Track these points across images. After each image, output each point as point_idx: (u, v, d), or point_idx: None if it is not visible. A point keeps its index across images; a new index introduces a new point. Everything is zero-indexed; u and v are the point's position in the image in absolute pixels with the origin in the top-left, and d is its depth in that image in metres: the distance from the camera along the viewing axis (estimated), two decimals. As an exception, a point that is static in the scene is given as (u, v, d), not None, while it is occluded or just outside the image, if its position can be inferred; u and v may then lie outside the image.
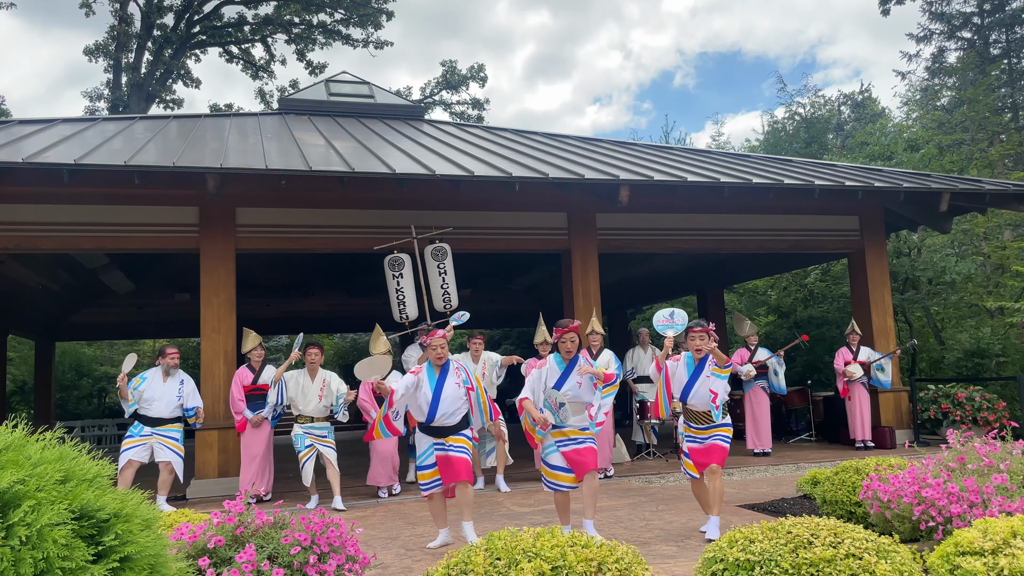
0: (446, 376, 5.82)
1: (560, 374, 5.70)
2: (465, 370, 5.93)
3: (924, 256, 15.79)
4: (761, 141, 26.94)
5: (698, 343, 5.88)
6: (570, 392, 5.62)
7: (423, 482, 5.82)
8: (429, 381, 5.80)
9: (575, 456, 5.57)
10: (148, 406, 8.15)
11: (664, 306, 21.21)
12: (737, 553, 3.43)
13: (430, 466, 5.78)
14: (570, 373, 5.68)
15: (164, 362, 8.30)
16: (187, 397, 8.35)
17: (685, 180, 9.62)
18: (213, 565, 3.52)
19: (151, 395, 8.16)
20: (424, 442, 5.83)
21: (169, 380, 8.27)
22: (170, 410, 8.23)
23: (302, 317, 19.37)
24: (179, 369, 8.42)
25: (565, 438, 5.62)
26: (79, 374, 23.71)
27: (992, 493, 4.59)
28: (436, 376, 5.82)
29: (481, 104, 31.15)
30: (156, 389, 8.19)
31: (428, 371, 5.85)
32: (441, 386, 5.77)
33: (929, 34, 24.23)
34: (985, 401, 11.22)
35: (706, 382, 5.85)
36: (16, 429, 2.49)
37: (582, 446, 5.60)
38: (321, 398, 8.17)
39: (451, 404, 5.77)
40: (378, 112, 14.78)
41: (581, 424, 5.67)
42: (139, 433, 8.11)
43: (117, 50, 25.40)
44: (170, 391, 8.24)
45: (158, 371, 8.29)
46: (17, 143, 9.00)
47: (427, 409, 5.76)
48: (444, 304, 9.46)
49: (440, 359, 5.87)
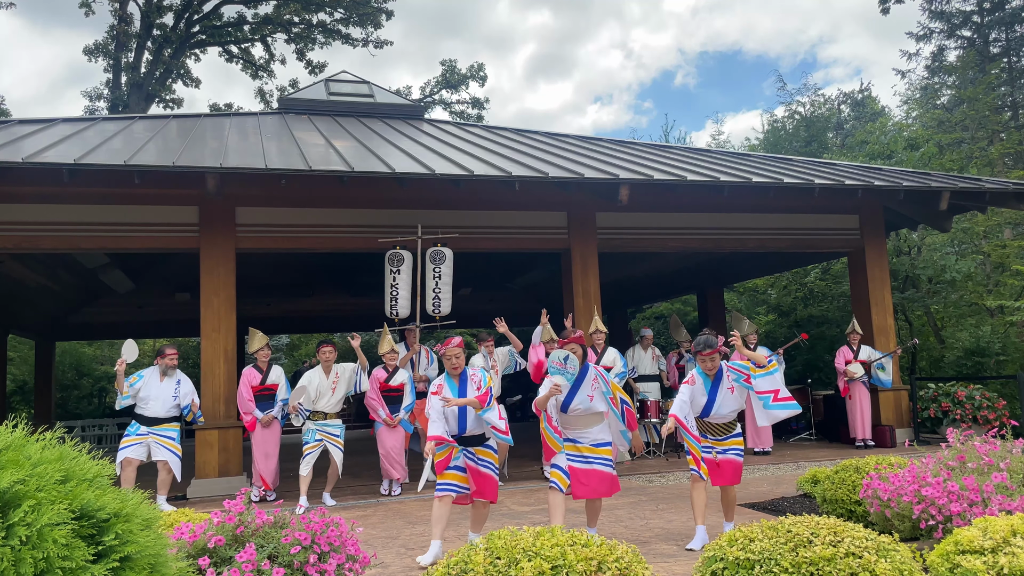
0: (466, 387, 5.55)
1: (570, 388, 5.41)
2: (478, 375, 5.64)
3: (924, 255, 15.79)
4: (761, 140, 26.95)
5: (709, 365, 5.69)
6: (581, 406, 5.42)
7: (445, 481, 5.42)
8: (453, 394, 5.52)
9: (579, 475, 5.35)
10: (144, 405, 8.16)
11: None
12: (737, 552, 3.43)
13: (460, 468, 5.46)
14: (580, 385, 5.41)
15: (163, 363, 8.31)
16: (183, 397, 8.35)
17: (685, 179, 9.62)
18: (213, 564, 3.52)
19: (147, 394, 8.18)
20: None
21: (166, 380, 8.28)
22: (166, 410, 8.24)
23: (302, 317, 19.37)
24: (177, 369, 8.43)
25: (577, 453, 5.41)
26: (79, 374, 23.70)
27: (992, 492, 4.59)
28: (457, 387, 5.56)
29: (481, 103, 31.16)
30: (152, 388, 8.21)
31: (449, 384, 5.58)
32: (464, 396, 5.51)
33: (929, 33, 24.24)
34: (985, 400, 11.22)
35: (728, 396, 5.66)
36: (16, 429, 2.49)
37: (589, 467, 5.37)
38: (334, 391, 8.19)
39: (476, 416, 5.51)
40: (378, 111, 14.77)
41: (596, 439, 5.45)
42: (136, 432, 8.14)
43: (117, 50, 25.40)
44: (166, 391, 8.25)
45: (155, 371, 8.30)
46: (17, 143, 9.00)
47: (456, 423, 5.48)
48: (434, 308, 9.45)
49: (456, 369, 5.61)
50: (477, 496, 5.43)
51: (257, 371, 8.73)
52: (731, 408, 5.72)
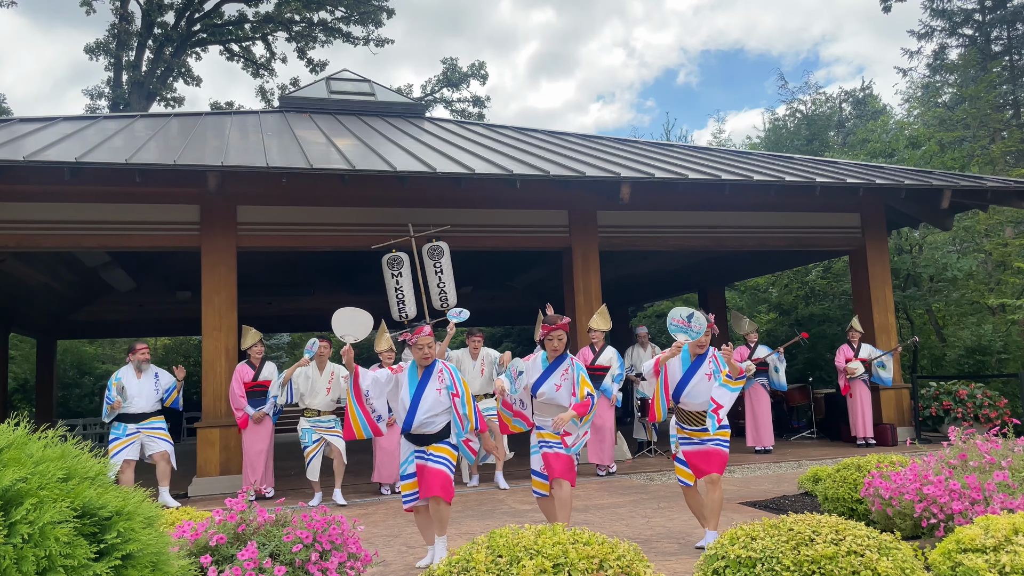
0: (428, 380, 5.17)
1: (542, 372, 5.30)
2: (451, 373, 5.22)
3: (925, 253, 15.78)
4: (762, 138, 26.94)
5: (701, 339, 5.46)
6: (547, 393, 5.28)
7: (404, 493, 5.18)
8: (409, 385, 5.19)
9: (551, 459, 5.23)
10: (129, 404, 8.21)
11: (678, 303, 21.21)
12: (739, 550, 3.43)
13: (410, 475, 5.15)
14: (552, 373, 5.28)
15: (135, 359, 8.39)
16: (164, 387, 8.47)
17: (686, 177, 9.61)
18: (215, 563, 3.52)
19: (129, 392, 8.25)
20: (406, 449, 5.22)
21: (144, 376, 8.38)
22: (151, 404, 8.35)
23: (303, 315, 19.35)
24: (150, 364, 8.51)
25: (543, 441, 5.30)
26: (81, 372, 23.70)
27: (994, 490, 4.59)
28: (418, 379, 5.19)
29: (482, 101, 31.17)
30: (133, 386, 8.29)
31: (411, 372, 5.23)
32: (421, 391, 5.14)
33: (930, 31, 24.20)
34: (987, 398, 11.22)
35: (704, 382, 5.41)
36: (18, 427, 2.49)
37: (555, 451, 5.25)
38: (329, 391, 8.21)
39: (430, 411, 5.11)
40: (379, 110, 14.77)
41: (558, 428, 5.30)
42: (124, 433, 8.19)
43: (118, 48, 25.41)
44: (147, 386, 8.35)
45: (130, 369, 8.38)
46: (18, 141, 9.01)
47: (404, 415, 5.16)
48: (441, 303, 9.46)
49: (426, 359, 5.19)
50: (425, 495, 5.06)
51: (250, 367, 8.75)
52: (704, 397, 5.40)
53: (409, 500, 5.16)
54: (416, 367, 5.25)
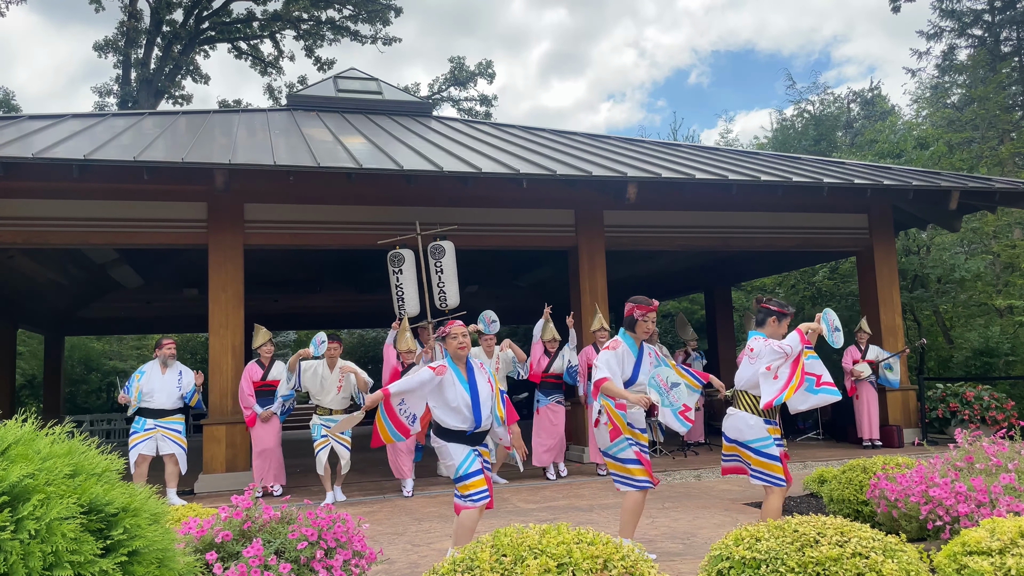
0: (474, 372, 4.85)
1: (635, 359, 4.90)
2: (482, 365, 4.98)
3: (933, 254, 15.72)
4: (770, 139, 26.87)
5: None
6: (643, 382, 4.91)
7: (476, 490, 4.69)
8: (460, 380, 4.78)
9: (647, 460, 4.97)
10: (150, 398, 8.26)
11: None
12: (743, 551, 3.42)
13: (478, 472, 4.73)
14: (643, 359, 4.95)
15: (161, 353, 8.44)
16: (186, 386, 8.48)
17: (693, 177, 9.60)
18: (220, 559, 3.53)
19: (151, 387, 8.28)
20: (460, 449, 4.77)
21: (168, 372, 8.40)
22: (171, 401, 8.36)
23: (310, 313, 19.39)
24: (176, 360, 8.53)
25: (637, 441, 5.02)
26: (88, 368, 23.82)
27: (1000, 493, 4.57)
28: (464, 376, 4.81)
29: (489, 100, 31.18)
30: (155, 381, 8.32)
31: (453, 368, 4.84)
32: (475, 384, 4.80)
33: (940, 31, 24.08)
34: (994, 400, 11.17)
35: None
36: (26, 423, 2.50)
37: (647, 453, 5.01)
38: (340, 389, 8.22)
39: (488, 404, 4.82)
40: (386, 108, 14.79)
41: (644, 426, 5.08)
42: (143, 428, 8.25)
43: (126, 46, 25.49)
44: (170, 382, 8.37)
45: (156, 363, 8.42)
46: (27, 138, 9.05)
47: (471, 413, 4.75)
48: (440, 302, 9.46)
49: (462, 348, 4.82)
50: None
51: (259, 367, 8.79)
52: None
53: (483, 497, 4.72)
54: (453, 362, 4.88)
